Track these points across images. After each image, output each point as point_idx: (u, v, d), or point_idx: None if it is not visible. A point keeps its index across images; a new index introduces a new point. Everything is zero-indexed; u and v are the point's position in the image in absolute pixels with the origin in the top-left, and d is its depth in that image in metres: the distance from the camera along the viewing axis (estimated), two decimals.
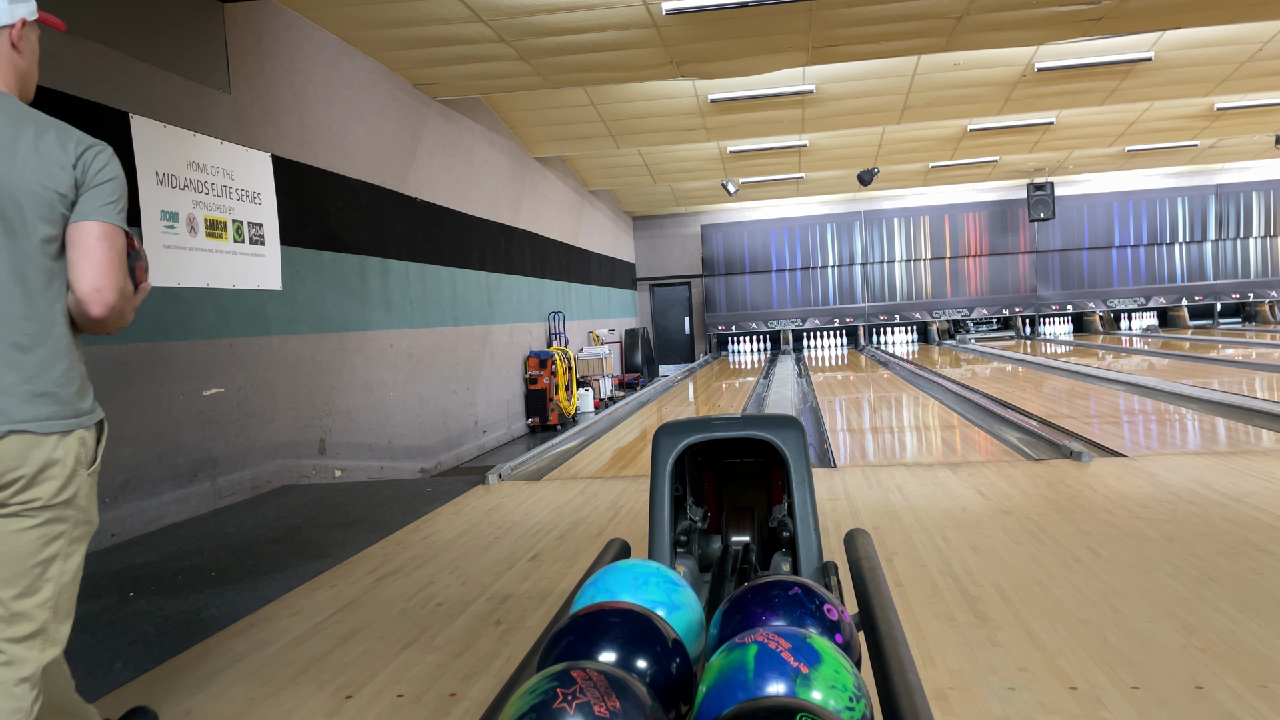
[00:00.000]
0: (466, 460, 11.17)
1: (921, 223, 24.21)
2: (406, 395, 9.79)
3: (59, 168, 2.20)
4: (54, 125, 2.24)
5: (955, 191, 24.33)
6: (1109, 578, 4.05)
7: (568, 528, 5.73)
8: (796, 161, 18.13)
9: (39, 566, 2.22)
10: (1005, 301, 24.09)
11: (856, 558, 2.41)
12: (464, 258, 11.62)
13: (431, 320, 10.55)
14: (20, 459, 2.17)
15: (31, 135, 2.20)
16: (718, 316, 24.66)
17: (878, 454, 8.30)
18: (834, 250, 24.40)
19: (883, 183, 21.63)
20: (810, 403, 12.51)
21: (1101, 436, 8.03)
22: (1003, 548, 4.61)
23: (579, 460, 8.52)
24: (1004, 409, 10.02)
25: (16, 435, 2.17)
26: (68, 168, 2.21)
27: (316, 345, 8.19)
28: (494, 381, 12.55)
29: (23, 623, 2.20)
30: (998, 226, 23.99)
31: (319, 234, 8.33)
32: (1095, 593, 3.86)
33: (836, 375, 17.07)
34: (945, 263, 24.23)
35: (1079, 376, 13.30)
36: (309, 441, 8.00)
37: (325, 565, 5.06)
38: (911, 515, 5.45)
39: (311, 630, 4.00)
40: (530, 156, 14.92)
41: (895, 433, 9.61)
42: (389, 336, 9.50)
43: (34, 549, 2.21)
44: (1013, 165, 20.91)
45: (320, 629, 4.01)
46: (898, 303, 24.34)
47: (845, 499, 6.02)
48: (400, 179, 9.97)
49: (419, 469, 9.85)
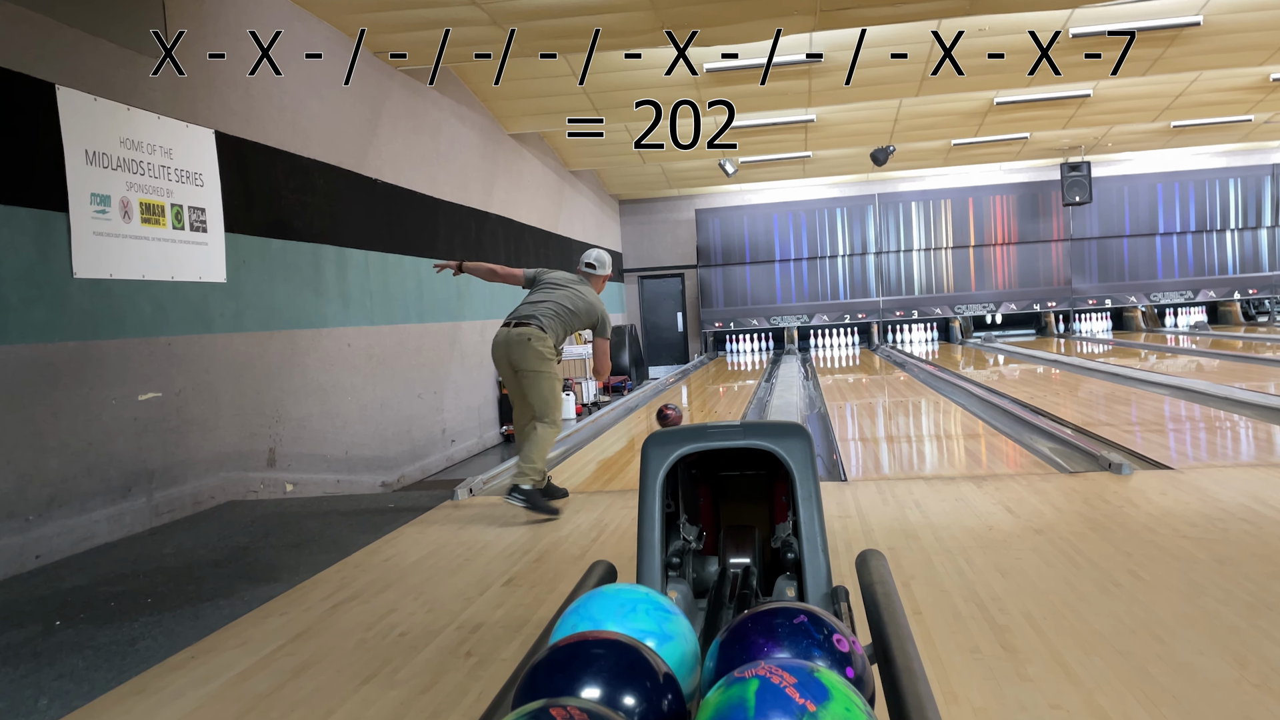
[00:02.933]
0: (433, 473, 11.15)
1: (942, 207, 24.26)
2: (366, 400, 9.78)
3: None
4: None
5: (980, 172, 24.36)
6: (1152, 604, 4.07)
7: (546, 549, 5.73)
8: (803, 138, 18.15)
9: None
10: (1036, 295, 24.15)
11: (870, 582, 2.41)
12: (431, 246, 11.61)
13: (394, 316, 10.54)
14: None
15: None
16: (714, 312, 24.67)
17: (893, 466, 8.30)
18: (845, 238, 24.44)
19: (899, 162, 21.66)
20: (818, 409, 12.50)
21: (1144, 446, 8.06)
22: (1033, 571, 4.62)
23: (559, 473, 8.51)
24: (1035, 416, 10.05)
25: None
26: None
27: (265, 344, 8.17)
28: (464, 385, 12.54)
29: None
30: (1028, 211, 24.05)
31: (268, 219, 8.31)
32: (1137, 621, 3.87)
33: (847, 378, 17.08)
34: (969, 252, 24.28)
35: (1119, 379, 13.34)
36: (257, 452, 7.98)
37: (275, 590, 5.05)
38: (931, 534, 5.46)
39: (260, 663, 3.99)
40: (505, 133, 14.91)
41: (913, 442, 9.62)
42: (346, 334, 9.49)
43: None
44: (1044, 143, 20.96)
45: (269, 662, 4.00)
46: (916, 296, 24.38)
47: (857, 516, 6.03)
48: (359, 158, 9.96)
49: (380, 483, 9.84)
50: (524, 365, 6.76)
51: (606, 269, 7.43)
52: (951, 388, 13.71)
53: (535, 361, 6.73)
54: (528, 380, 6.80)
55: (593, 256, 7.39)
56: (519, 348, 6.75)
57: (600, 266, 7.35)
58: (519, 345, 6.75)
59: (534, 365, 6.74)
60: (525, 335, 6.74)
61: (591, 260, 7.37)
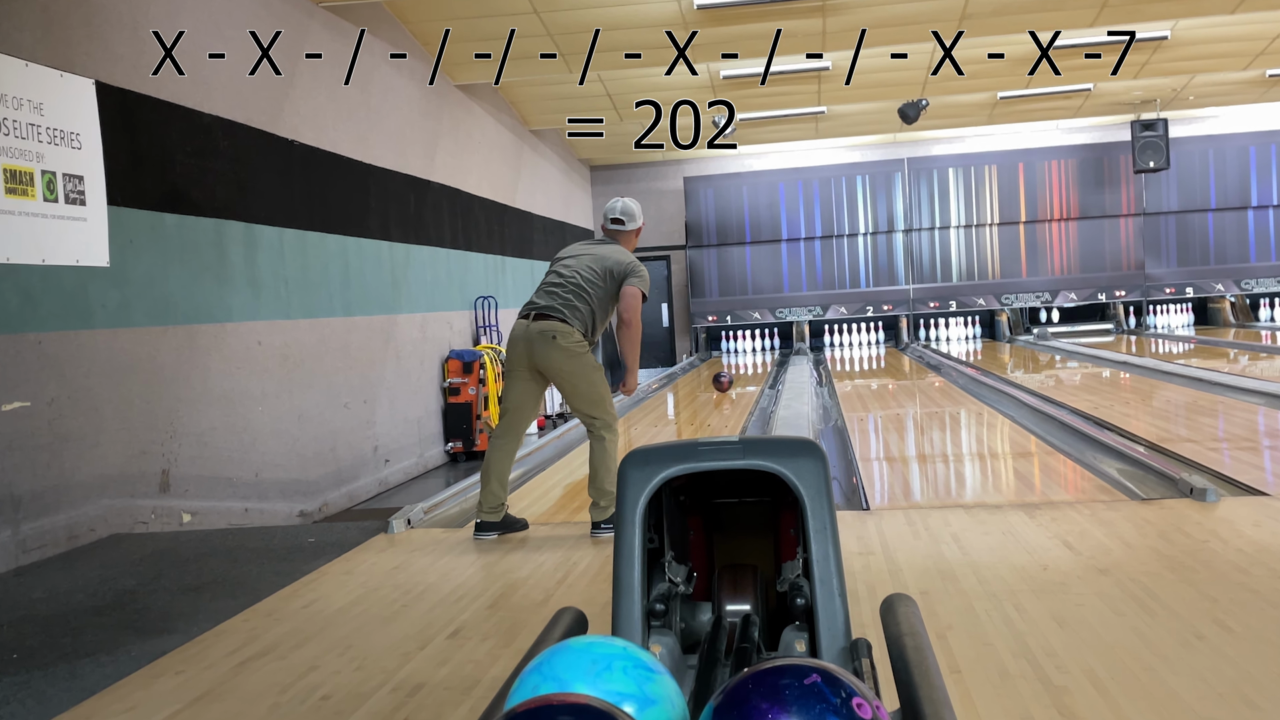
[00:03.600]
0: (363, 500, 11.16)
1: (987, 175, 24.31)
2: (281, 411, 9.77)
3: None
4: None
5: (1033, 132, 24.44)
6: (1243, 661, 4.07)
7: (501, 592, 5.74)
8: (815, 91, 18.17)
9: None
10: (1101, 283, 24.23)
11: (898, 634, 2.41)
12: (360, 222, 11.60)
13: (315, 308, 10.52)
14: None
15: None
16: (707, 303, 24.71)
17: (926, 491, 8.32)
18: (867, 212, 24.47)
19: (933, 119, 21.70)
20: (834, 421, 12.52)
21: (1233, 468, 8.08)
22: (1098, 620, 4.63)
23: (516, 500, 8.50)
24: (1100, 430, 10.08)
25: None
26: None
27: (157, 342, 8.15)
28: (400, 392, 12.52)
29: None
30: (1091, 180, 24.13)
31: (161, 190, 8.28)
32: (1225, 681, 3.88)
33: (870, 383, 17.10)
34: (1019, 229, 24.34)
35: (1202, 385, 13.40)
36: (147, 474, 7.96)
37: (170, 643, 5.03)
38: (973, 575, 5.47)
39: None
40: (451, 84, 14.90)
41: (950, 462, 9.64)
42: (256, 330, 9.47)
43: None
44: (1112, 96, 21.03)
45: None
46: (954, 284, 24.46)
47: (882, 553, 6.04)
48: (272, 115, 9.94)
49: (298, 512, 9.82)
50: (552, 367, 6.88)
51: (637, 220, 7.42)
52: (998, 396, 13.74)
53: (564, 361, 6.84)
54: (564, 384, 6.93)
55: (618, 209, 7.37)
56: (542, 347, 6.86)
57: (629, 219, 7.35)
58: (542, 344, 6.86)
59: (564, 365, 6.85)
60: (548, 331, 6.84)
61: (617, 214, 7.36)
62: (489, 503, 7.06)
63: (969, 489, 8.42)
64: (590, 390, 6.94)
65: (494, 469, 7.06)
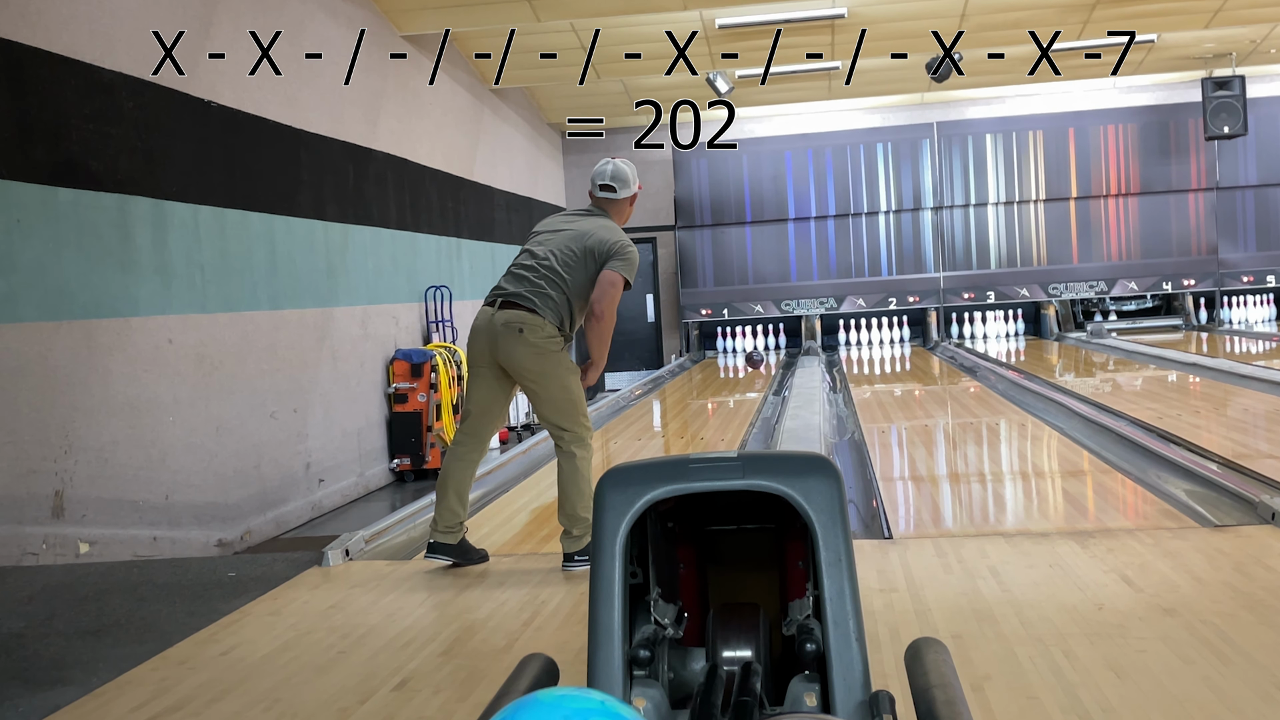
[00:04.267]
0: (293, 527, 11.17)
1: (1030, 142, 24.31)
2: (196, 422, 9.75)
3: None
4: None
5: (1085, 91, 24.44)
6: None
7: (456, 636, 5.75)
8: (829, 43, 18.19)
9: None
10: (1166, 270, 24.24)
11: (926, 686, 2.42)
12: (289, 198, 11.60)
13: (236, 300, 10.51)
14: None
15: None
16: (700, 294, 24.73)
17: (960, 517, 8.34)
18: (889, 187, 24.51)
19: (968, 76, 21.69)
20: (851, 434, 12.55)
21: None
22: (1164, 669, 4.64)
23: (474, 527, 8.50)
24: (1165, 444, 10.11)
25: None
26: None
27: (49, 340, 8.13)
28: (338, 400, 12.53)
29: None
30: (1154, 148, 24.16)
31: (54, 160, 8.27)
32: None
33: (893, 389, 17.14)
34: (1069, 207, 24.38)
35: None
36: (37, 497, 7.94)
37: (64, 696, 5.02)
38: (1014, 616, 5.48)
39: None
40: (396, 34, 14.89)
41: (988, 482, 9.67)
42: (167, 326, 9.45)
43: None
44: (1179, 48, 21.07)
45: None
46: (991, 271, 24.48)
47: (907, 590, 6.07)
48: (186, 72, 9.91)
49: (216, 541, 9.82)
50: (517, 366, 6.84)
51: (631, 186, 7.32)
52: (1044, 403, 13.79)
53: (532, 359, 6.80)
54: (531, 388, 6.90)
55: (608, 173, 7.27)
56: (506, 342, 6.82)
57: (622, 185, 7.25)
58: (506, 339, 6.82)
59: (532, 364, 6.81)
60: (514, 323, 6.80)
61: (607, 179, 7.25)
62: (445, 521, 7.03)
63: (1010, 514, 8.45)
64: (562, 396, 6.89)
65: (452, 481, 7.03)
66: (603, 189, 7.22)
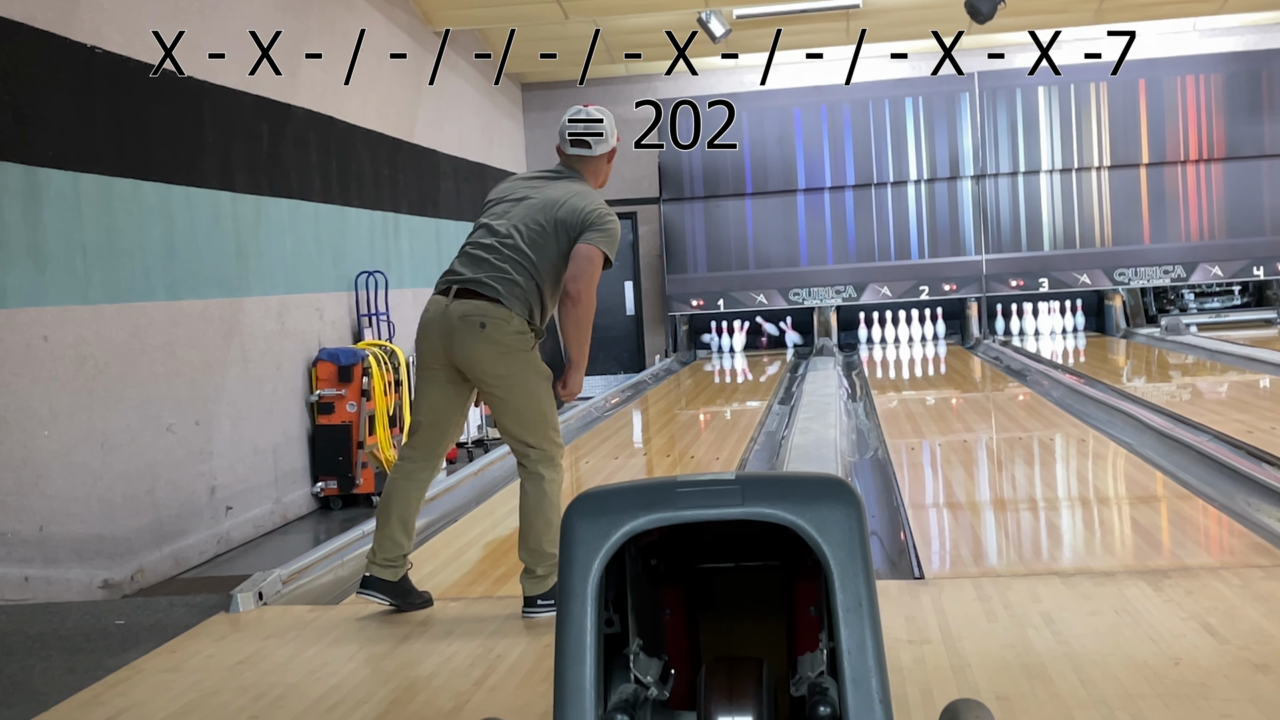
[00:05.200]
0: (195, 564, 11.19)
1: (1092, 96, 24.19)
2: (76, 436, 9.77)
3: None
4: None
5: (1157, 36, 24.37)
6: None
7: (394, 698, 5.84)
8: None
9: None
10: (1258, 252, 24.03)
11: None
12: (190, 165, 11.62)
13: (126, 289, 10.54)
14: None
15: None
16: (690, 281, 24.68)
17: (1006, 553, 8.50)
18: (921, 151, 24.48)
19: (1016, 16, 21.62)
20: (873, 451, 12.72)
21: None
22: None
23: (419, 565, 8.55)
24: (1256, 464, 10.08)
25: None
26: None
27: None
28: (249, 410, 12.58)
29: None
30: (1240, 106, 24.03)
31: None
32: None
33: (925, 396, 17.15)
34: (1140, 174, 24.29)
35: None
36: None
37: None
38: (1073, 673, 5.57)
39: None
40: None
41: (1040, 510, 9.80)
42: (41, 320, 9.48)
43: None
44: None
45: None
46: (1044, 253, 24.39)
47: (942, 641, 6.18)
48: (64, 10, 9.86)
49: (101, 581, 9.83)
50: (478, 369, 6.77)
51: (610, 139, 7.25)
52: (1109, 414, 13.86)
53: (498, 361, 6.73)
54: (493, 394, 6.83)
55: (580, 124, 7.21)
56: (465, 339, 6.74)
57: (598, 140, 7.16)
58: (465, 335, 6.73)
59: (495, 367, 6.73)
60: (474, 317, 6.72)
61: (579, 130, 7.17)
62: (385, 552, 6.96)
63: (1067, 549, 8.52)
64: (529, 406, 6.84)
65: (396, 505, 6.96)
66: (574, 143, 7.14)
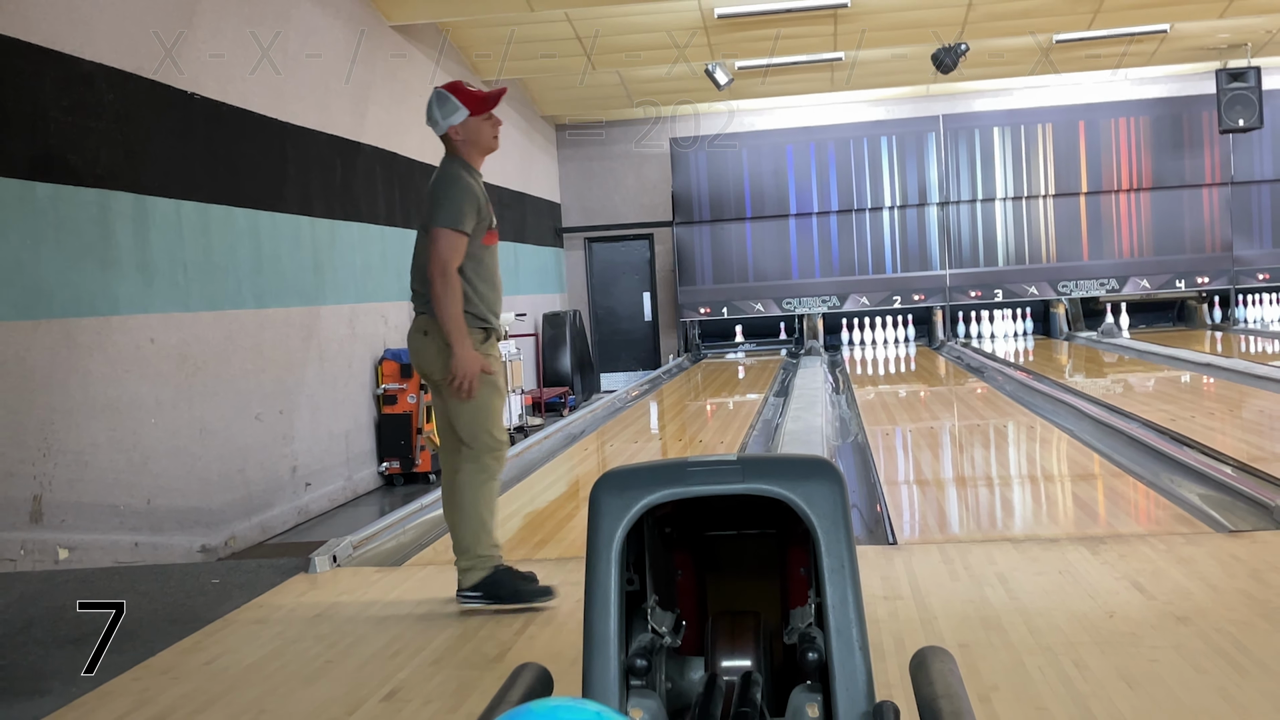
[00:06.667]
0: (279, 533, 11.16)
1: (1039, 136, 24.35)
2: (178, 424, 9.74)
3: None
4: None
5: (1096, 84, 24.46)
6: None
7: (448, 645, 5.74)
8: (831, 33, 18.20)
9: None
10: (1180, 267, 24.21)
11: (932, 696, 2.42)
12: (275, 193, 11.59)
13: (220, 299, 10.51)
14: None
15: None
16: (698, 292, 24.75)
17: (967, 522, 8.37)
18: (894, 181, 24.56)
19: (974, 68, 21.66)
20: (854, 436, 12.58)
21: None
22: (1178, 679, 4.64)
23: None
24: (1178, 447, 10.11)
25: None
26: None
27: (27, 340, 8.13)
28: (325, 401, 12.52)
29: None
30: (1167, 142, 24.17)
31: (31, 154, 8.25)
32: None
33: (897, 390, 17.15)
34: (1079, 202, 24.40)
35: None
36: (15, 501, 7.93)
37: (42, 708, 5.02)
38: (1023, 624, 5.49)
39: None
40: (386, 24, 14.88)
41: (996, 486, 9.69)
42: (148, 325, 9.45)
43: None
44: (1192, 38, 21.08)
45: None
46: (999, 268, 24.52)
47: (912, 597, 6.07)
48: (168, 63, 9.90)
49: (199, 547, 9.81)
50: (433, 375, 6.31)
51: (443, 121, 6.34)
52: (1053, 405, 13.81)
53: (436, 367, 6.28)
54: (445, 395, 6.31)
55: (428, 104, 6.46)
56: (415, 347, 6.39)
57: (434, 123, 6.37)
58: (415, 344, 6.40)
59: (440, 368, 6.25)
60: (419, 326, 6.36)
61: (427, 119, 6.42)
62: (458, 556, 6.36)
63: (1019, 519, 8.45)
64: (461, 405, 6.21)
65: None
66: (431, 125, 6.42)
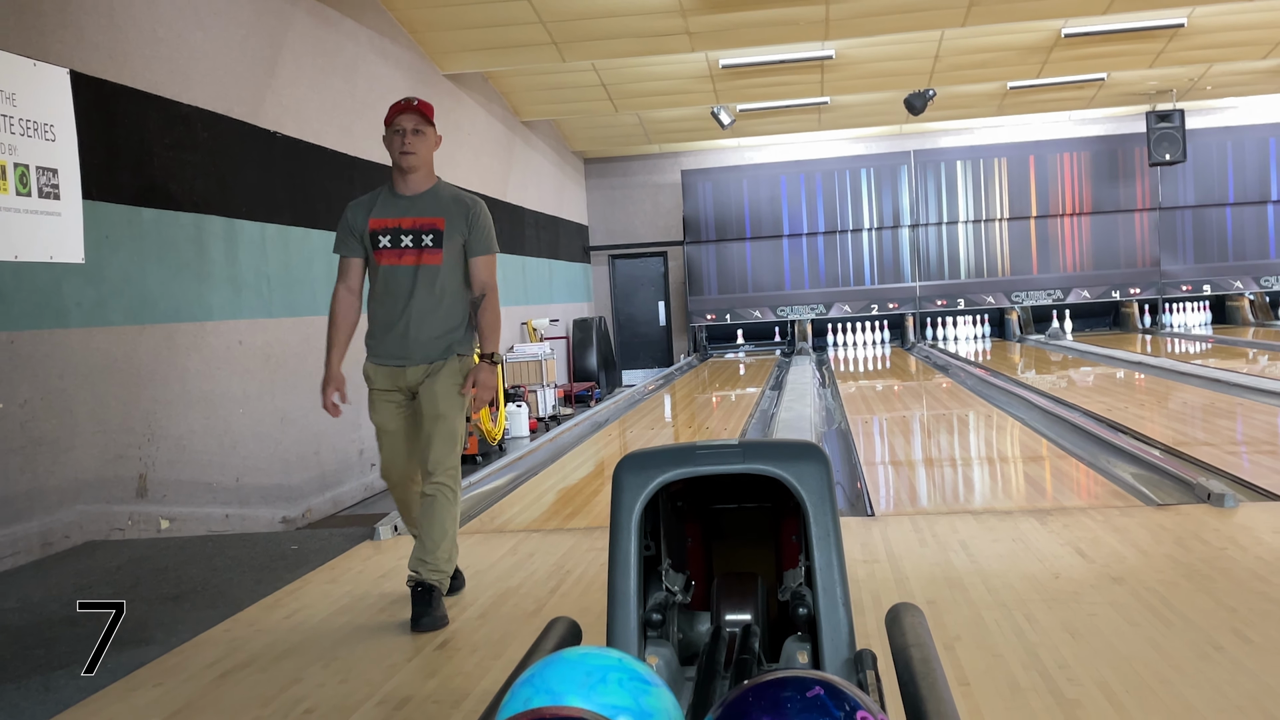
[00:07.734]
0: (348, 506, 11.16)
1: (996, 168, 24.35)
2: (263, 413, 9.76)
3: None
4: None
5: (1045, 124, 24.47)
6: (1264, 673, 4.08)
7: (492, 602, 5.74)
8: (818, 81, 18.18)
9: None
10: (1115, 280, 24.25)
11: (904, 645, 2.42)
12: None
13: (299, 306, 10.52)
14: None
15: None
16: (706, 301, 24.76)
17: (934, 497, 8.34)
18: (872, 207, 24.52)
19: (941, 110, 21.67)
20: (837, 424, 12.55)
21: (1252, 472, 8.10)
22: (1112, 630, 4.64)
23: (508, 506, 8.50)
24: (1113, 433, 10.09)
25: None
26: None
27: (135, 342, 8.14)
28: None
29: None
30: (1104, 173, 24.17)
31: (139, 184, 8.27)
32: (1245, 694, 3.89)
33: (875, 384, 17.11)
34: (1029, 225, 24.38)
35: (1220, 386, 13.40)
36: (123, 479, 7.95)
37: (147, 655, 5.04)
38: (982, 584, 5.48)
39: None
40: (439, 74, 14.89)
41: (959, 466, 9.67)
42: (238, 329, 9.46)
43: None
44: (1126, 86, 21.04)
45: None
46: (962, 281, 24.53)
47: (887, 560, 6.06)
48: (254, 105, 9.93)
49: (280, 518, 9.82)
50: (458, 403, 5.79)
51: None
52: (1007, 397, 13.77)
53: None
54: (433, 428, 5.71)
55: None
56: (488, 383, 5.83)
57: None
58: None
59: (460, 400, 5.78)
60: (462, 366, 5.94)
61: None
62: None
63: (978, 494, 8.45)
64: (460, 430, 5.73)
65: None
66: None
